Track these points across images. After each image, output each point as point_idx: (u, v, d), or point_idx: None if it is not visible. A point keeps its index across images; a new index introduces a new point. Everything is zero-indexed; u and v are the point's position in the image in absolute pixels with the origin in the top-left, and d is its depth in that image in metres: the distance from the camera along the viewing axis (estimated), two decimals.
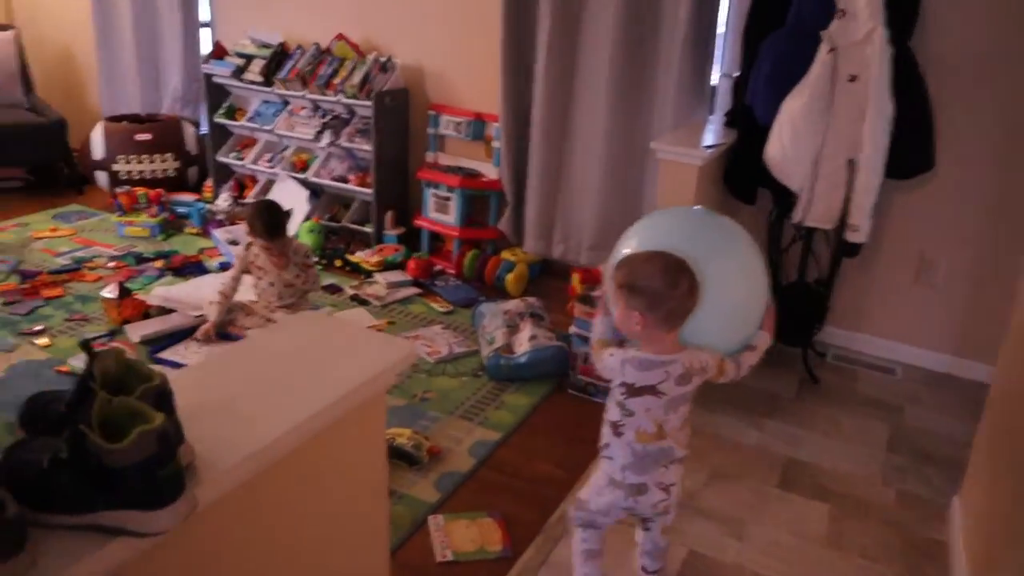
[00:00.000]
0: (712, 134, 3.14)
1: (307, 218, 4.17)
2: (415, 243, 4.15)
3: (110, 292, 3.25)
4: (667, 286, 1.65)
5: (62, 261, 3.91)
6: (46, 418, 1.09)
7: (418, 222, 4.13)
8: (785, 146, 2.79)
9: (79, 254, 4.01)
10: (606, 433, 1.86)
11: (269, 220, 3.09)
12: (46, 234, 4.23)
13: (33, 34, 5.36)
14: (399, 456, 2.52)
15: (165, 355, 3.06)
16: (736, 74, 3.30)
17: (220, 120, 4.57)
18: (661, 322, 1.68)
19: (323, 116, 4.19)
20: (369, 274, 3.91)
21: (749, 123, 3.03)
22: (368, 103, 3.97)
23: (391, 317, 3.55)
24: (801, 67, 2.75)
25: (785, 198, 3.02)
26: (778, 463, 2.69)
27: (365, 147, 4.08)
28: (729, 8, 3.47)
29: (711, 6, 3.31)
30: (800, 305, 3.23)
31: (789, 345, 3.25)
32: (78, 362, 2.92)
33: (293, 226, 4.11)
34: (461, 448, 2.65)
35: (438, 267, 4.01)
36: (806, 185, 2.82)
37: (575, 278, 3.60)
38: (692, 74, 3.36)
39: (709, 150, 2.85)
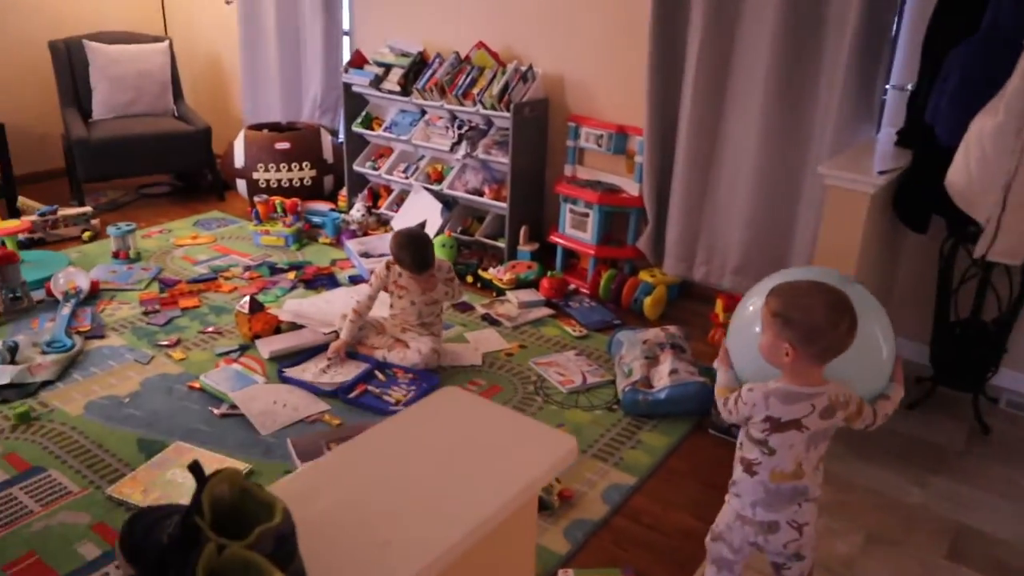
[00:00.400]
0: (883, 156, 2.81)
1: (440, 231, 4.08)
2: (549, 260, 3.98)
3: (242, 306, 3.24)
4: (828, 323, 1.58)
5: (200, 270, 3.98)
6: (146, 551, 0.95)
7: (553, 238, 3.96)
8: (972, 172, 2.43)
9: (216, 263, 4.07)
10: (737, 470, 1.78)
11: (417, 256, 3.00)
12: (187, 241, 4.32)
13: (185, 43, 5.55)
14: None
15: (292, 373, 3.01)
16: (911, 86, 2.95)
17: (357, 129, 4.55)
18: (813, 357, 1.61)
19: (460, 127, 4.08)
20: (501, 292, 3.77)
21: (927, 144, 2.69)
22: (506, 114, 3.83)
23: (522, 340, 3.38)
24: (995, 81, 2.39)
25: (962, 227, 2.67)
26: (946, 529, 2.36)
27: (501, 159, 3.94)
28: (904, 11, 3.10)
29: (886, 7, 2.96)
30: (974, 345, 2.86)
31: (958, 389, 2.89)
32: (210, 380, 2.90)
33: None
34: (594, 492, 2.44)
35: (572, 286, 3.82)
36: (993, 215, 2.46)
37: (719, 304, 3.34)
38: (859, 86, 3.03)
39: (883, 175, 2.53)
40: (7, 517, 2.29)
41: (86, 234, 4.31)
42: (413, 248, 3.00)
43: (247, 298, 3.26)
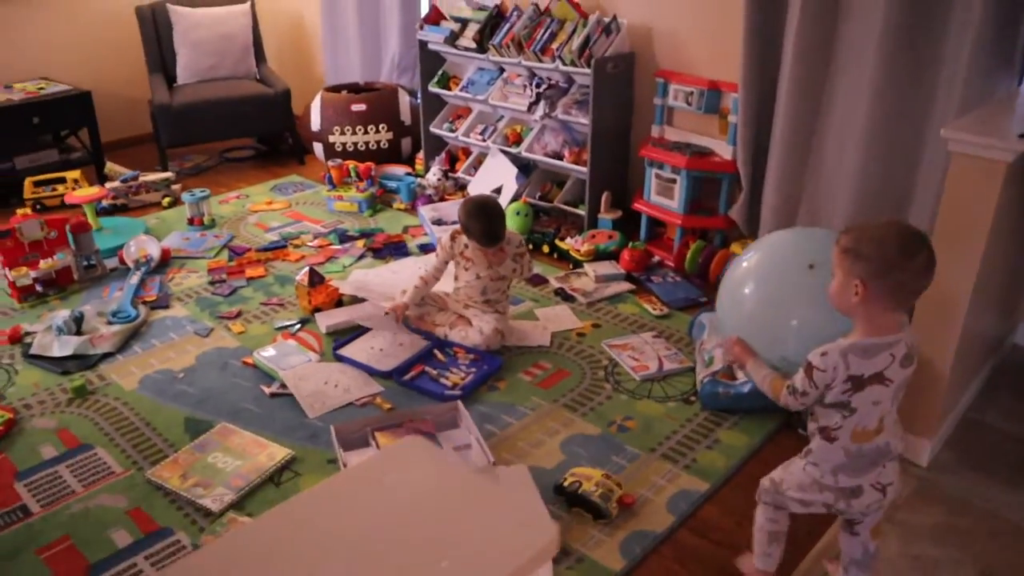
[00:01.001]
0: None
1: (515, 197, 3.83)
2: (633, 230, 3.68)
3: (302, 278, 3.11)
4: (901, 255, 1.48)
5: (271, 237, 3.88)
6: None
7: (637, 206, 3.65)
8: None
9: (288, 229, 3.96)
10: (813, 440, 1.68)
11: (486, 227, 2.75)
12: (262, 207, 4.24)
13: (267, 5, 5.45)
14: (584, 506, 2.11)
15: (348, 352, 2.85)
16: None
17: (434, 89, 4.33)
18: (886, 296, 1.51)
19: (538, 85, 3.80)
20: (578, 264, 3.50)
21: None
22: (587, 70, 3.52)
23: (597, 318, 3.12)
24: None
25: None
26: None
27: (582, 120, 3.64)
28: None
29: None
30: None
31: None
32: (263, 357, 2.78)
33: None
34: (659, 499, 2.18)
35: (656, 258, 3.52)
36: None
37: None
38: (997, 28, 2.56)
39: None
40: (49, 497, 2.23)
41: (166, 200, 4.29)
42: (482, 218, 2.77)
43: (306, 269, 3.12)
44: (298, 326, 3.05)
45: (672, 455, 2.35)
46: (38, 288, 3.28)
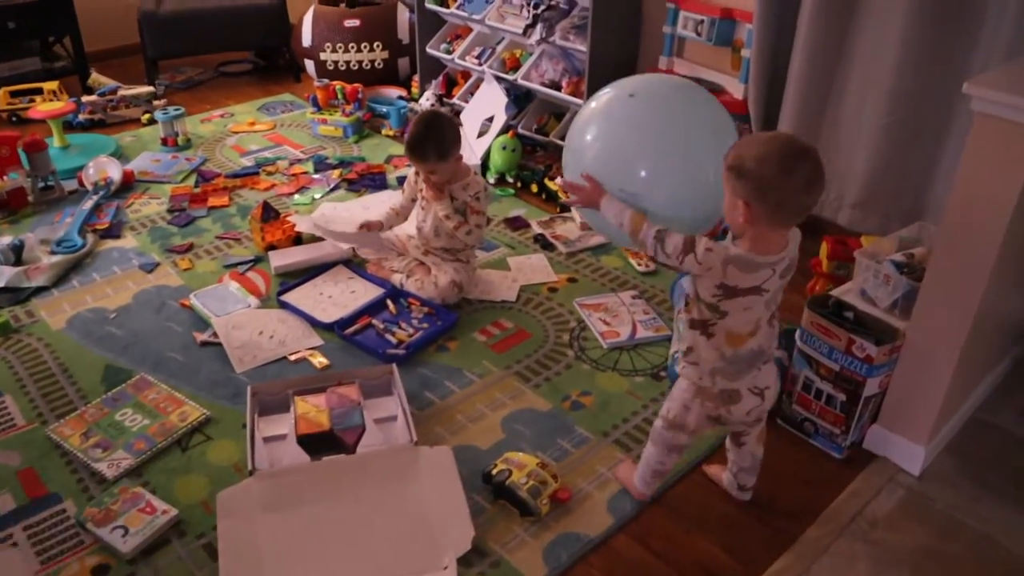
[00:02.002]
0: None
1: (504, 130, 3.49)
2: None
3: (255, 211, 2.86)
4: (780, 173, 1.42)
5: (245, 162, 3.62)
6: None
7: None
8: None
9: (265, 154, 3.69)
10: (688, 335, 1.65)
11: (412, 136, 2.44)
12: (243, 128, 3.97)
13: None
14: (511, 499, 1.86)
15: (292, 298, 2.61)
16: None
17: (431, 6, 3.95)
18: (769, 215, 1.46)
19: (536, 6, 3.41)
20: (566, 208, 3.18)
21: None
22: None
23: (575, 271, 2.82)
24: None
25: None
26: None
27: (581, 47, 3.26)
28: None
29: None
30: None
31: None
32: (199, 300, 2.55)
33: (487, 140, 3.47)
34: (600, 496, 1.92)
35: None
36: None
37: (823, 248, 2.63)
38: None
39: None
40: None
41: (146, 116, 4.04)
42: (413, 126, 2.45)
43: (260, 202, 2.86)
44: (248, 265, 2.82)
45: (626, 441, 2.08)
46: None
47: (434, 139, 2.42)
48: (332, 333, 2.47)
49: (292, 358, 2.36)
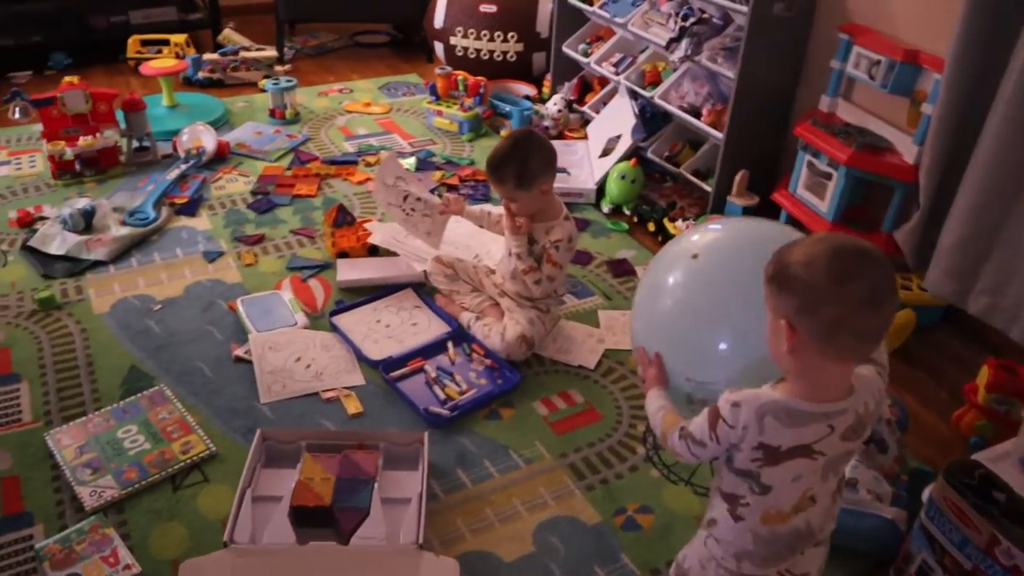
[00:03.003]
0: None
1: (626, 156, 3.07)
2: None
3: (328, 213, 2.60)
4: (831, 280, 1.05)
5: (348, 147, 3.38)
6: None
7: (778, 197, 2.80)
8: None
9: (372, 141, 3.44)
10: (716, 504, 1.27)
11: (494, 153, 2.11)
12: (357, 108, 3.73)
13: None
14: None
15: (344, 321, 2.33)
16: None
17: (574, 1, 3.56)
18: (819, 340, 1.08)
19: (685, 17, 2.95)
20: None
21: None
22: (745, 7, 2.65)
23: None
24: None
25: None
26: None
27: (729, 73, 2.79)
28: None
29: None
30: None
31: None
32: (246, 307, 2.33)
33: (608, 162, 3.07)
34: None
35: None
36: None
37: (984, 374, 2.09)
38: None
39: None
40: None
41: (263, 81, 3.88)
42: (499, 145, 2.13)
43: (337, 204, 2.60)
44: (312, 271, 2.57)
45: None
46: (76, 167, 2.99)
47: (518, 161, 2.07)
48: (377, 371, 2.18)
49: (325, 396, 2.09)
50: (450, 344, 2.28)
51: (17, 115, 3.40)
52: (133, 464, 1.86)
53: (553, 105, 3.57)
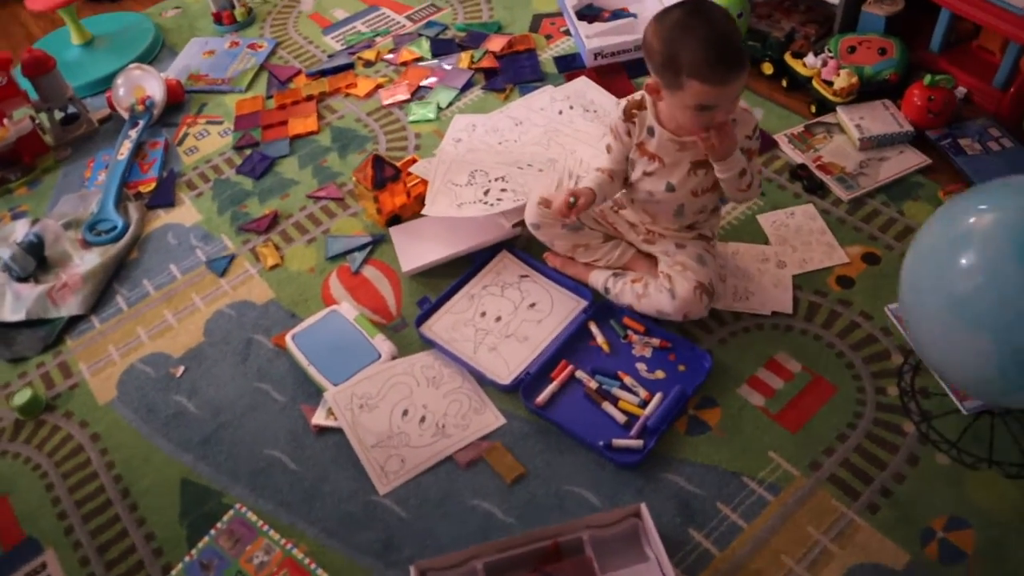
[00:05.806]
0: None
1: None
2: (920, 39, 2.10)
3: (361, 172, 1.86)
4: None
5: (331, 44, 2.54)
6: None
7: None
8: None
9: (358, 26, 2.59)
10: None
11: (720, 34, 1.32)
12: None
13: None
14: None
15: (437, 331, 1.67)
16: None
17: None
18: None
19: None
20: (826, 105, 2.04)
21: None
22: None
23: (872, 237, 1.75)
24: None
25: None
26: None
27: None
28: None
29: None
30: None
31: None
32: (301, 344, 1.67)
33: None
34: None
35: (961, 90, 2.00)
36: None
37: None
38: None
39: None
40: None
41: None
42: (701, 23, 1.33)
43: (370, 155, 1.85)
44: (363, 255, 1.87)
45: None
46: None
47: (736, 35, 1.37)
48: (513, 396, 1.57)
49: (463, 461, 1.49)
50: (593, 326, 1.65)
51: None
52: None
53: None
